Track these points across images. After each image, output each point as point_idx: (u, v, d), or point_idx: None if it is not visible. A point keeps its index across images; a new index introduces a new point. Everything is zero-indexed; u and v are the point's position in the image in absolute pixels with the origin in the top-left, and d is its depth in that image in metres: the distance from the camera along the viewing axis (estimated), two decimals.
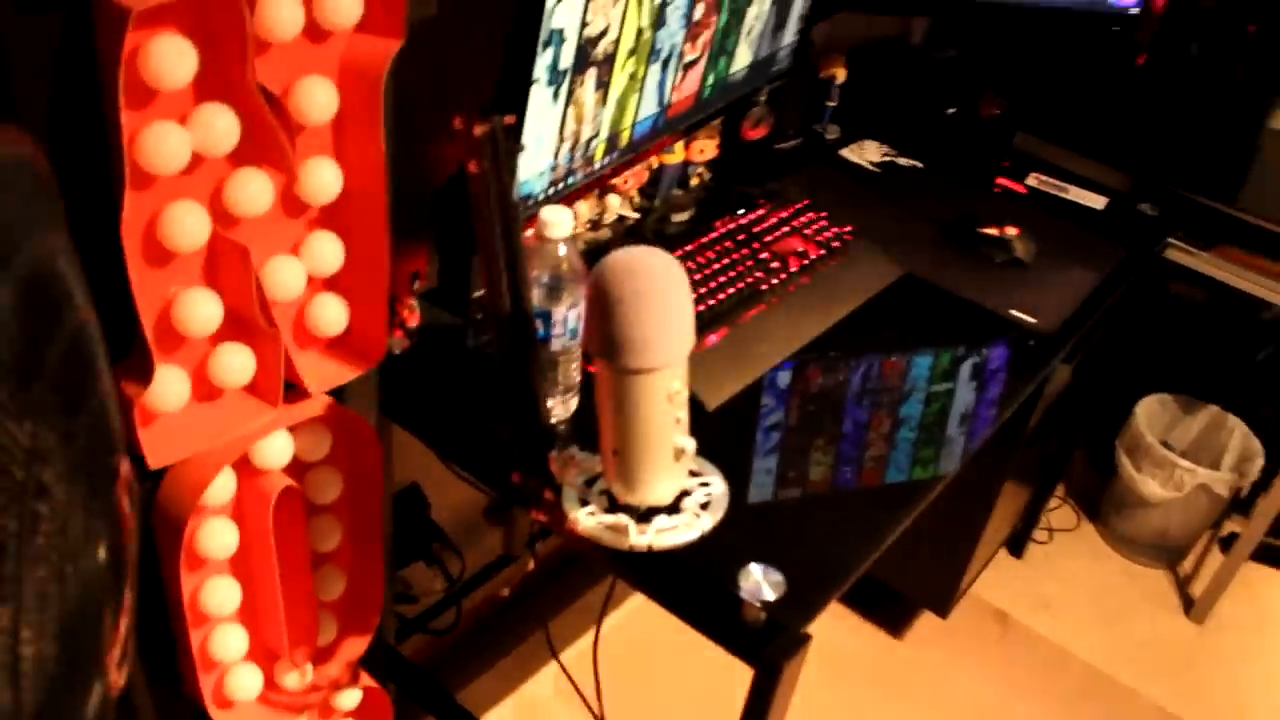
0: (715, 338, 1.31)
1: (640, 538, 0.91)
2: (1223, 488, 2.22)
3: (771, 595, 0.97)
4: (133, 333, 0.89)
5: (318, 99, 0.93)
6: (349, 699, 1.29)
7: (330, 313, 1.05)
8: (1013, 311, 1.49)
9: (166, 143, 0.84)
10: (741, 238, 1.51)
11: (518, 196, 1.07)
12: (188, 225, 0.88)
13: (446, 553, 1.53)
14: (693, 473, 0.99)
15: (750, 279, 1.42)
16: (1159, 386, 2.43)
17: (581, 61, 1.09)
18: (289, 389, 1.03)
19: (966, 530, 1.88)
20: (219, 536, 1.06)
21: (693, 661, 1.97)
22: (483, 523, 1.72)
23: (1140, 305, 2.02)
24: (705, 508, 0.96)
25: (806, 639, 0.99)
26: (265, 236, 0.97)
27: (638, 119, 1.28)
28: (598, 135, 1.20)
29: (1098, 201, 1.90)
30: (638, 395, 0.85)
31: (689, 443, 0.90)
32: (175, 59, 0.81)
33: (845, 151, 1.92)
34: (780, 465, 1.14)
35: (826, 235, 1.57)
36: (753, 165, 1.72)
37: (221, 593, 1.09)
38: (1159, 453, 2.25)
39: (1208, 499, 2.24)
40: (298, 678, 1.22)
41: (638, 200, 1.54)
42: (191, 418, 0.97)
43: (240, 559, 1.10)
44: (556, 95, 1.08)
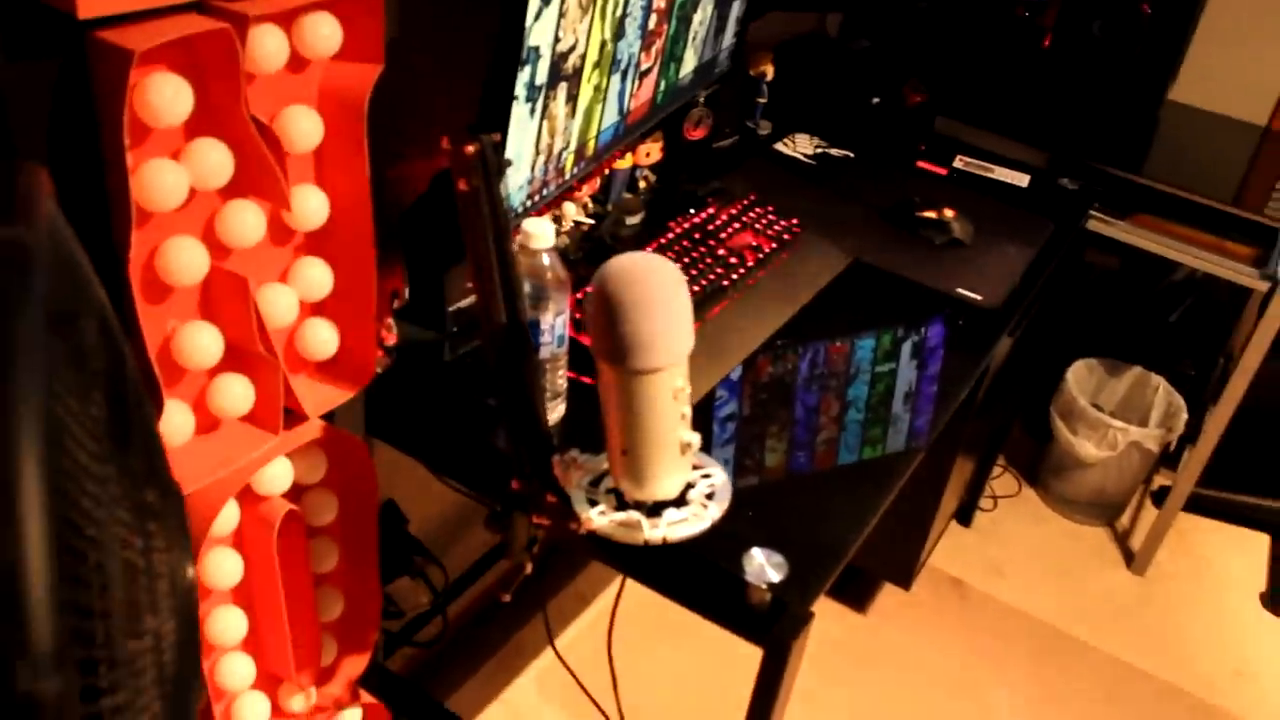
0: None
1: (654, 531, 0.94)
2: (1153, 443, 2.33)
3: (776, 577, 1.01)
4: None
5: (303, 127, 0.95)
6: (351, 718, 1.30)
7: (321, 336, 1.06)
8: (960, 290, 1.56)
9: (164, 179, 0.85)
10: (697, 236, 1.55)
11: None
12: (187, 260, 0.89)
13: (429, 565, 1.54)
14: (694, 465, 1.02)
15: (712, 275, 1.46)
16: (1085, 351, 2.54)
17: (554, 76, 1.12)
18: (285, 414, 1.04)
19: (925, 502, 1.95)
20: (224, 566, 1.06)
21: (693, 661, 2.01)
22: (458, 532, 1.73)
23: (1065, 275, 2.12)
24: (710, 498, 0.99)
25: (810, 617, 1.03)
26: (257, 265, 0.98)
27: (601, 128, 1.31)
28: (568, 146, 1.23)
29: (1021, 179, 1.98)
30: (646, 395, 0.88)
31: (694, 437, 0.93)
32: (172, 97, 0.82)
33: (779, 145, 1.98)
34: (765, 453, 1.18)
35: (776, 229, 1.62)
36: (695, 165, 1.76)
37: (228, 622, 1.10)
38: (1092, 415, 2.35)
39: (1139, 455, 2.35)
40: (303, 700, 1.22)
41: (591, 206, 1.57)
42: (196, 450, 0.98)
43: (244, 586, 1.11)
44: (533, 111, 1.10)
